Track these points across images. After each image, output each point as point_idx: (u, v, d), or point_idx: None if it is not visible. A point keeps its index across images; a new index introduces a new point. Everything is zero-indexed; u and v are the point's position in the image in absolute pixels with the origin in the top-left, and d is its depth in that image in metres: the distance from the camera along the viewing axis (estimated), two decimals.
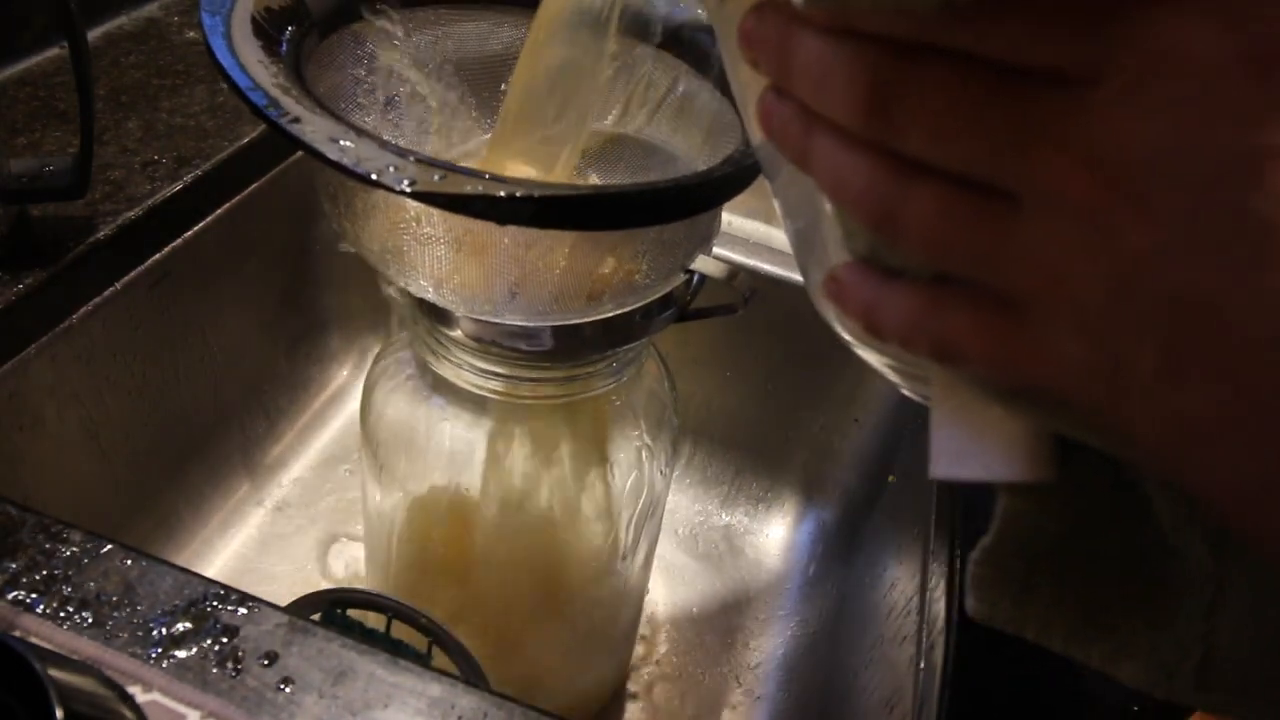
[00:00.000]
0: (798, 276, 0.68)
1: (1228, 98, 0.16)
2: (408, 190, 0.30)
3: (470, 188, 0.30)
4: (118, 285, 0.54)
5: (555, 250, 0.37)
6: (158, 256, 0.57)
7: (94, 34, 0.70)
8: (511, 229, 0.36)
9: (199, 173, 0.58)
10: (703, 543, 0.75)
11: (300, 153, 0.66)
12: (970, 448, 0.23)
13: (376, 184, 0.30)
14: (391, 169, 0.30)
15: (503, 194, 0.30)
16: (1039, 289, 0.18)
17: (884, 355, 0.29)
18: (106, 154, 0.58)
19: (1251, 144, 0.16)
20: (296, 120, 0.32)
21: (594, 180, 0.48)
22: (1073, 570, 0.24)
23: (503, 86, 0.47)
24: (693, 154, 0.46)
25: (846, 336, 0.30)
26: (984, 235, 0.19)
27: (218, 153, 0.60)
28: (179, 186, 0.57)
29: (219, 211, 0.61)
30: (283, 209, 0.68)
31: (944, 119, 0.18)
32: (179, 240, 0.58)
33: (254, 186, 0.64)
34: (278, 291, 0.70)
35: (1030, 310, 0.19)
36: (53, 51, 0.66)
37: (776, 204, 0.29)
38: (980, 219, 0.18)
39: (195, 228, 0.59)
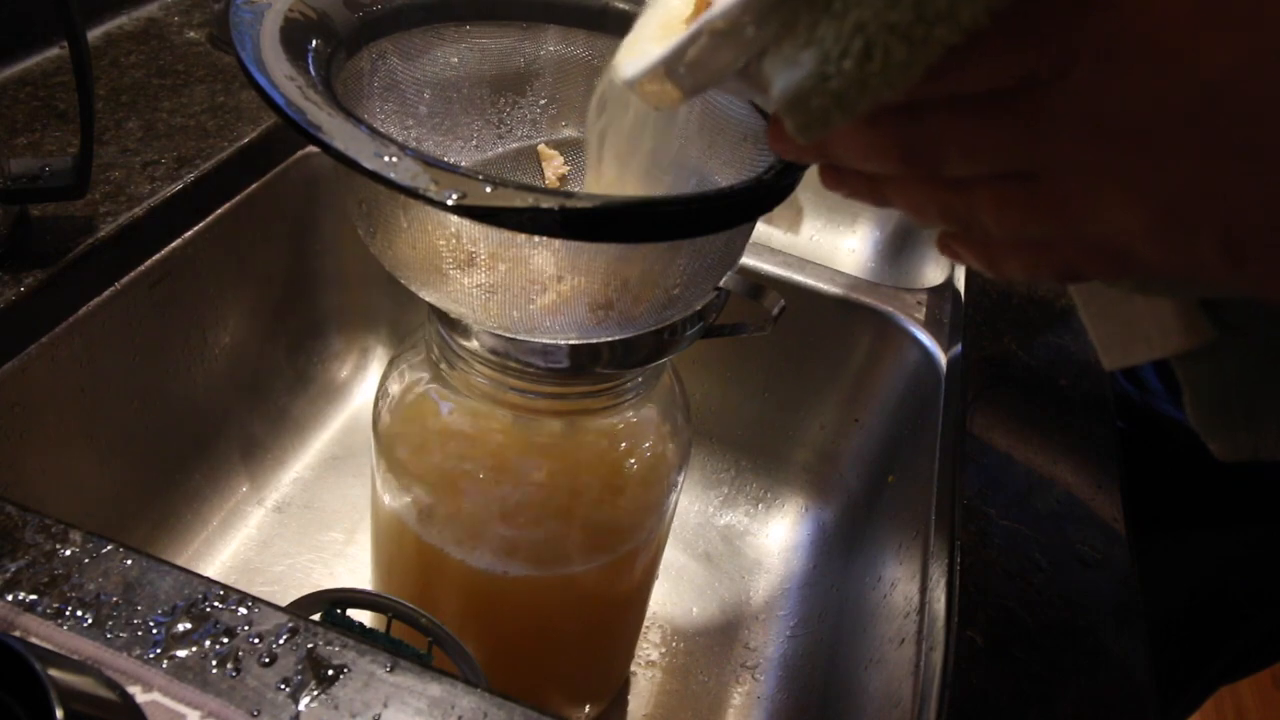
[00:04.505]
0: (798, 276, 0.69)
1: None
2: (455, 205, 0.29)
3: (521, 200, 0.30)
4: (118, 285, 0.54)
5: (595, 270, 0.37)
6: (158, 256, 0.57)
7: (94, 34, 0.70)
8: (555, 247, 0.35)
9: (199, 173, 0.58)
10: (703, 543, 0.75)
11: (299, 154, 0.67)
12: (1130, 336, 0.28)
13: (424, 198, 0.29)
14: (434, 183, 0.29)
15: (555, 206, 0.30)
16: (1099, 220, 0.22)
17: None
18: (106, 154, 0.58)
19: None
20: (335, 136, 0.31)
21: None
22: None
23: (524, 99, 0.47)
24: (704, 163, 0.45)
25: None
26: (1040, 209, 0.23)
27: (218, 153, 0.60)
28: (179, 186, 0.57)
29: (219, 211, 0.61)
30: (283, 209, 0.68)
31: (964, 141, 0.22)
32: (179, 240, 0.58)
33: (254, 186, 0.64)
34: (278, 291, 0.70)
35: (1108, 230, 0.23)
36: (53, 51, 0.66)
37: None
38: (1030, 198, 0.23)
39: (195, 228, 0.59)
